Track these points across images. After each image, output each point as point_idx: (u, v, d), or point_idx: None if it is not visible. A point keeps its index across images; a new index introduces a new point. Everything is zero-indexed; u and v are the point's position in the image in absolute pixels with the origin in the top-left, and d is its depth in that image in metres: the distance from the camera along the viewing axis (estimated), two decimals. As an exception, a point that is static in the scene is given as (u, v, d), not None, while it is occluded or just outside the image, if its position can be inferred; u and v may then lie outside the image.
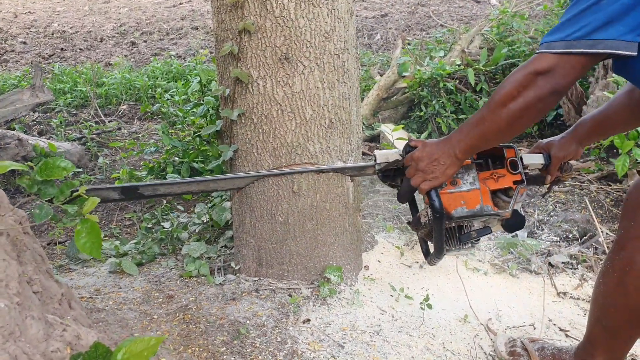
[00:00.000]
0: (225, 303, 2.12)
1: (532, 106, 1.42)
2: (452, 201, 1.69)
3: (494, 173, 1.77)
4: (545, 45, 1.39)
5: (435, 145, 1.65)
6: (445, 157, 1.62)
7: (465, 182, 1.72)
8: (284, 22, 1.97)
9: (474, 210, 1.69)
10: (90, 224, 1.32)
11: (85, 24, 9.51)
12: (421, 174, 1.66)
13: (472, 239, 1.76)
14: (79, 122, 5.47)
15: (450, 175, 1.65)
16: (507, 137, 1.55)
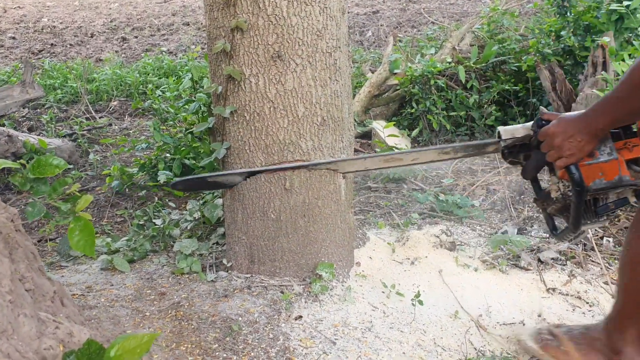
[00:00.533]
0: (217, 300, 2.13)
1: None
2: (590, 173, 1.65)
3: (627, 142, 1.71)
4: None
5: (572, 121, 1.62)
6: (583, 134, 1.60)
7: (603, 152, 1.66)
8: (277, 20, 1.97)
9: (612, 181, 1.65)
10: (84, 222, 1.33)
11: (76, 19, 9.45)
12: (557, 150, 1.63)
13: (610, 210, 1.72)
14: (69, 118, 5.44)
15: (587, 151, 1.62)
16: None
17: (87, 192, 3.78)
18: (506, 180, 3.35)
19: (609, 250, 2.63)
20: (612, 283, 2.40)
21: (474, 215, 2.98)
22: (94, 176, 4.06)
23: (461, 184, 3.41)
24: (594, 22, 4.04)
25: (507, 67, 4.42)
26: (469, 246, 2.67)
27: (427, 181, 3.48)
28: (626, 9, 3.76)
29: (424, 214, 3.02)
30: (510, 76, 4.37)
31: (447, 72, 4.43)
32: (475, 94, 4.32)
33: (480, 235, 2.79)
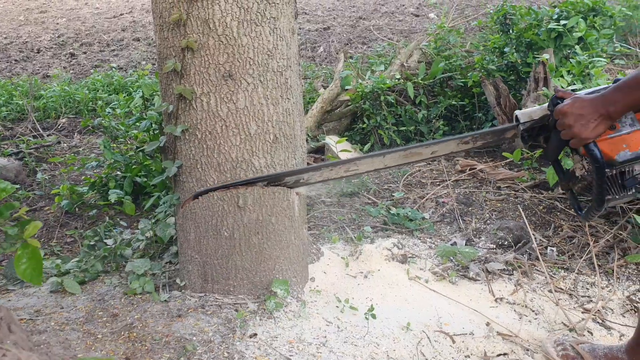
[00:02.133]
0: (171, 320, 2.11)
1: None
2: (613, 146, 1.62)
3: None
4: None
5: (586, 101, 1.61)
6: (595, 115, 1.58)
7: (624, 124, 1.64)
8: (227, 40, 2.00)
9: (637, 152, 1.62)
10: (31, 249, 1.31)
11: (21, 34, 9.22)
12: (569, 130, 1.61)
13: (637, 182, 1.68)
14: (15, 137, 5.29)
15: (599, 133, 1.60)
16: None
17: (35, 212, 3.69)
18: (454, 193, 3.44)
19: (552, 260, 2.74)
20: (557, 291, 2.50)
21: (424, 227, 3.05)
22: (42, 196, 3.96)
23: (412, 197, 3.49)
24: (535, 39, 4.22)
25: (453, 83, 4.55)
26: (420, 258, 2.73)
27: (379, 195, 3.54)
28: (563, 28, 3.94)
29: (377, 228, 3.07)
30: (456, 92, 4.51)
31: (397, 88, 4.54)
32: (424, 109, 4.44)
33: (430, 248, 2.87)
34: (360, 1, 10.24)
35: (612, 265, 2.67)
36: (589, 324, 2.30)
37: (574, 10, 4.18)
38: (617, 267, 2.65)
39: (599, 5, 4.23)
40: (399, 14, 9.11)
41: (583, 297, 2.50)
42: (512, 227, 2.94)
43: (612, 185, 1.67)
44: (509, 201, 3.37)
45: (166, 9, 2.03)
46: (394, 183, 3.72)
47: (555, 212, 3.18)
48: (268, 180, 2.15)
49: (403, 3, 9.80)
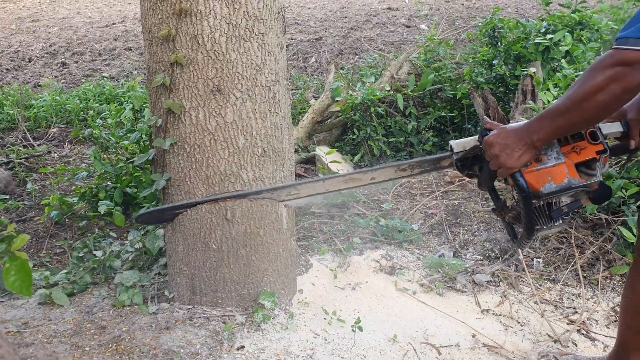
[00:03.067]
0: (159, 332, 2.12)
1: (620, 96, 1.48)
2: (539, 178, 1.66)
3: (575, 146, 1.74)
4: (633, 41, 1.44)
5: (511, 131, 1.65)
6: (521, 145, 1.62)
7: (550, 157, 1.69)
8: (216, 56, 2.03)
9: (562, 184, 1.67)
10: (20, 261, 1.32)
11: (12, 43, 9.21)
12: (496, 160, 1.65)
13: (563, 214, 1.73)
14: (5, 146, 5.29)
15: (524, 162, 1.64)
16: (590, 125, 1.63)
17: (24, 222, 3.69)
18: (443, 204, 3.47)
19: (538, 271, 2.77)
20: (542, 302, 2.53)
21: (413, 239, 3.07)
22: (32, 206, 3.96)
23: (401, 208, 3.51)
24: (523, 52, 4.27)
25: (443, 94, 4.60)
26: (408, 270, 2.76)
27: (368, 206, 3.57)
28: (549, 41, 4.00)
29: (365, 239, 3.09)
30: (446, 103, 4.55)
31: (387, 100, 4.58)
32: (414, 120, 4.47)
33: (418, 259, 2.89)
34: (352, 12, 10.31)
35: (598, 277, 2.70)
36: (574, 335, 2.32)
37: (561, 24, 4.24)
38: (602, 279, 2.69)
39: (586, 19, 4.29)
40: (391, 25, 9.18)
41: (568, 309, 2.52)
42: (499, 239, 2.97)
43: (540, 216, 1.73)
44: (497, 212, 3.39)
45: (155, 24, 2.05)
46: (383, 194, 3.74)
47: (542, 223, 3.21)
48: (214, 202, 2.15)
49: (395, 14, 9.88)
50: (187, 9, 1.97)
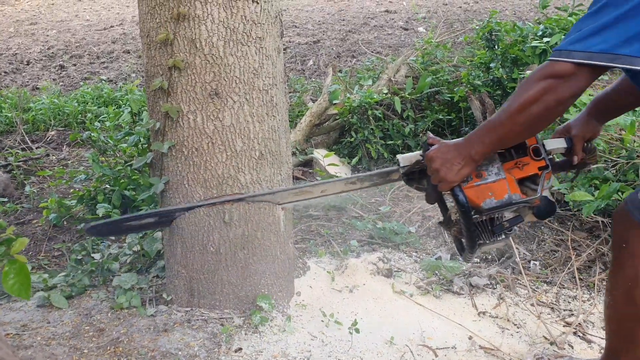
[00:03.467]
0: (157, 335, 2.13)
1: (553, 108, 1.51)
2: (479, 193, 1.69)
3: (518, 162, 1.76)
4: (565, 53, 1.47)
5: (451, 146, 1.67)
6: (460, 159, 1.64)
7: (490, 173, 1.71)
8: (213, 60, 2.04)
9: (502, 200, 1.68)
10: (19, 264, 1.33)
11: (11, 46, 9.22)
12: (437, 174, 1.67)
13: (505, 229, 1.75)
14: (4, 149, 5.29)
15: (464, 175, 1.66)
16: (524, 138, 1.66)
17: (23, 225, 3.70)
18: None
19: (535, 274, 2.79)
20: (539, 304, 2.55)
21: (410, 241, 3.08)
22: (31, 209, 3.96)
23: (398, 211, 3.52)
24: (520, 55, 4.28)
25: (440, 97, 4.61)
26: (405, 272, 2.77)
27: (365, 208, 3.58)
28: (546, 45, 4.01)
29: (363, 241, 3.10)
30: (443, 106, 4.57)
31: (384, 103, 4.59)
32: (411, 123, 4.49)
33: (416, 262, 2.90)
34: (350, 15, 10.33)
35: (594, 279, 2.72)
36: (570, 338, 2.34)
37: (558, 27, 4.25)
38: (599, 281, 2.70)
39: (582, 22, 4.30)
40: (388, 27, 9.20)
41: (565, 311, 2.54)
42: (496, 241, 2.98)
43: (483, 230, 1.74)
44: (494, 215, 3.41)
45: (153, 28, 2.07)
46: (380, 197, 3.76)
47: (539, 226, 3.23)
48: (159, 215, 2.14)
49: (392, 17, 9.90)
50: (185, 13, 1.98)
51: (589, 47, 1.43)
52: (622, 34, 1.40)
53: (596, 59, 1.43)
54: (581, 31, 1.47)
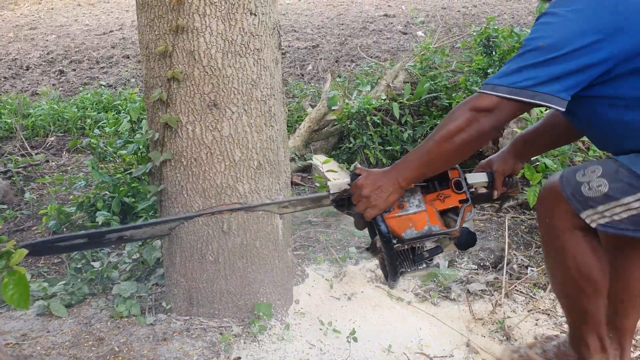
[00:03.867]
0: (157, 344, 2.15)
1: (474, 139, 1.61)
2: (401, 224, 1.77)
3: (440, 194, 1.86)
4: (490, 87, 1.58)
5: (380, 173, 1.76)
6: (388, 185, 1.73)
7: (412, 205, 1.79)
8: (212, 71, 2.06)
9: (422, 231, 1.76)
10: (18, 275, 1.35)
11: (10, 51, 9.25)
12: (365, 201, 1.75)
13: (425, 259, 1.84)
14: (3, 155, 5.31)
15: (392, 202, 1.75)
16: (449, 166, 1.76)
17: (22, 232, 3.71)
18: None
19: (533, 280, 2.80)
20: (536, 311, 2.56)
21: (408, 248, 3.09)
22: (30, 215, 3.98)
23: (397, 218, 3.53)
24: (517, 61, 4.30)
25: (439, 103, 4.63)
26: (402, 279, 2.78)
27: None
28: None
29: (361, 248, 3.12)
30: (442, 111, 4.58)
31: (383, 108, 4.61)
32: (410, 129, 4.51)
33: (413, 269, 2.91)
34: (349, 19, 10.37)
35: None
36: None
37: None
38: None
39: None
40: (387, 31, 9.23)
41: (562, 317, 2.55)
42: (494, 248, 3.00)
43: (405, 259, 1.82)
44: (492, 221, 3.43)
45: (152, 40, 2.09)
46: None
47: (536, 232, 3.24)
48: (89, 237, 2.08)
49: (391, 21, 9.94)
50: (183, 25, 2.00)
51: (513, 83, 1.54)
52: (544, 75, 1.52)
53: (518, 95, 1.54)
54: (508, 69, 1.58)
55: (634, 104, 1.59)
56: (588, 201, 1.67)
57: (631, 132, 1.65)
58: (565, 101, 1.54)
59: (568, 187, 1.72)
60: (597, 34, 1.51)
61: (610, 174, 1.64)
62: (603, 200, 1.64)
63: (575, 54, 1.52)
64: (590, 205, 1.66)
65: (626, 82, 1.57)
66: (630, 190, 1.60)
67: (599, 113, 1.66)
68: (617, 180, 1.62)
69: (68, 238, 2.08)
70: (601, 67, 1.54)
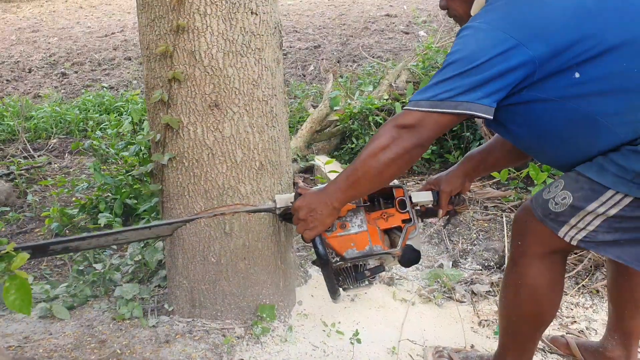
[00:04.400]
0: (159, 346, 2.13)
1: (399, 157, 1.60)
2: (342, 244, 1.81)
3: (384, 213, 1.90)
4: (413, 103, 1.58)
5: (315, 195, 1.78)
6: (322, 207, 1.75)
7: (354, 225, 1.84)
8: (213, 71, 2.04)
9: (363, 251, 1.81)
10: (19, 280, 1.34)
11: (13, 54, 9.25)
12: (302, 223, 1.79)
13: (367, 277, 1.87)
14: (6, 158, 5.31)
15: (329, 224, 1.78)
16: (378, 185, 1.73)
17: (25, 234, 3.71)
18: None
19: (537, 280, 2.78)
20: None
21: (411, 249, 3.08)
22: (33, 217, 3.97)
23: (400, 218, 3.52)
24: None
25: (441, 102, 4.61)
26: (406, 280, 2.77)
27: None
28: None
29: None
30: (444, 111, 4.56)
31: (385, 108, 4.59)
32: (412, 129, 4.48)
33: (417, 269, 2.90)
34: (351, 19, 10.36)
35: (597, 286, 2.71)
36: (572, 345, 2.33)
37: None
38: (601, 288, 2.69)
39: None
40: (389, 31, 9.21)
41: (567, 318, 2.53)
42: (498, 248, 2.98)
43: (347, 276, 1.87)
44: (496, 221, 3.41)
45: (153, 41, 2.07)
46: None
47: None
48: (32, 248, 1.95)
49: (393, 21, 9.92)
50: (184, 25, 1.99)
51: (433, 97, 1.54)
52: (464, 85, 1.51)
53: (439, 107, 1.53)
54: (430, 84, 1.58)
55: (561, 106, 1.56)
56: (559, 217, 1.64)
57: (567, 135, 1.63)
58: (489, 108, 1.52)
59: (538, 207, 1.70)
60: (512, 40, 1.50)
61: (571, 185, 1.63)
62: (571, 212, 1.61)
63: (492, 62, 1.50)
64: (563, 221, 1.64)
65: (550, 82, 1.54)
66: (592, 197, 1.58)
67: (534, 120, 1.63)
68: (578, 189, 1.61)
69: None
70: (522, 70, 1.52)
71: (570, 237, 1.64)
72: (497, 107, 1.56)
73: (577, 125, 1.58)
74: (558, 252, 1.73)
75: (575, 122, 1.58)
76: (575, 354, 2.16)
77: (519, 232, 1.78)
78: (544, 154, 1.78)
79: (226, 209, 2.18)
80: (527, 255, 1.74)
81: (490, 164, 2.08)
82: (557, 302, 1.82)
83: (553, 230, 1.66)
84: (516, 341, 1.87)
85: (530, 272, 1.74)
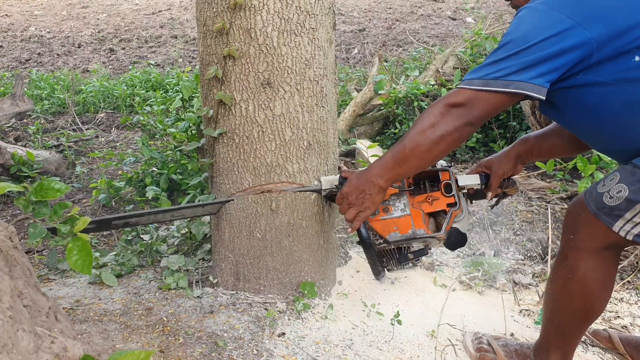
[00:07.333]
0: (204, 316, 2.19)
1: (448, 134, 1.60)
2: (385, 227, 1.84)
3: (429, 196, 1.90)
4: (465, 82, 1.59)
5: (360, 176, 1.80)
6: (370, 187, 1.76)
7: (397, 208, 1.86)
8: (267, 50, 2.07)
9: (406, 234, 1.83)
10: (82, 242, 1.40)
11: (63, 29, 9.48)
12: (355, 208, 1.80)
13: (410, 259, 1.90)
14: (56, 129, 5.48)
15: (379, 202, 1.79)
16: (425, 163, 1.70)
17: (74, 203, 3.83)
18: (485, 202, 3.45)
19: (580, 273, 2.74)
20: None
21: (452, 235, 3.07)
22: (81, 188, 4.10)
23: (441, 205, 3.51)
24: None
25: (488, 90, 4.55)
26: (447, 266, 2.77)
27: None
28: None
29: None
30: (491, 99, 4.50)
31: (431, 94, 4.56)
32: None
33: (458, 256, 2.89)
34: (397, 3, 10.25)
35: (641, 282, 2.67)
36: (615, 340, 2.30)
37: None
38: (646, 284, 2.65)
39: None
40: (436, 17, 9.09)
41: (610, 313, 2.50)
42: (541, 239, 2.95)
43: (391, 258, 1.90)
44: (540, 212, 3.37)
45: (210, 17, 2.11)
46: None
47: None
48: (97, 223, 2.13)
49: (440, 6, 9.78)
50: (241, 3, 2.01)
51: (485, 76, 1.54)
52: (517, 64, 1.51)
53: (491, 86, 1.53)
54: (484, 64, 1.58)
55: (618, 90, 1.53)
56: (613, 211, 1.59)
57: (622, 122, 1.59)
58: (542, 88, 1.51)
59: (592, 201, 1.66)
60: (568, 21, 1.48)
61: (627, 178, 1.58)
62: (627, 206, 1.57)
63: (547, 42, 1.49)
64: (618, 215, 1.59)
65: (608, 65, 1.52)
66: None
67: (590, 104, 1.60)
68: (635, 182, 1.56)
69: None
70: (578, 51, 1.49)
71: (626, 232, 1.59)
72: (552, 90, 1.54)
73: (634, 110, 1.55)
74: (611, 247, 1.68)
75: (633, 107, 1.54)
76: (618, 348, 2.14)
77: (571, 225, 1.74)
78: (599, 140, 1.74)
79: (273, 186, 2.21)
80: (579, 250, 1.70)
81: (545, 149, 2.04)
82: (607, 299, 1.77)
83: (607, 225, 1.61)
84: (560, 334, 1.85)
85: (581, 266, 1.70)
